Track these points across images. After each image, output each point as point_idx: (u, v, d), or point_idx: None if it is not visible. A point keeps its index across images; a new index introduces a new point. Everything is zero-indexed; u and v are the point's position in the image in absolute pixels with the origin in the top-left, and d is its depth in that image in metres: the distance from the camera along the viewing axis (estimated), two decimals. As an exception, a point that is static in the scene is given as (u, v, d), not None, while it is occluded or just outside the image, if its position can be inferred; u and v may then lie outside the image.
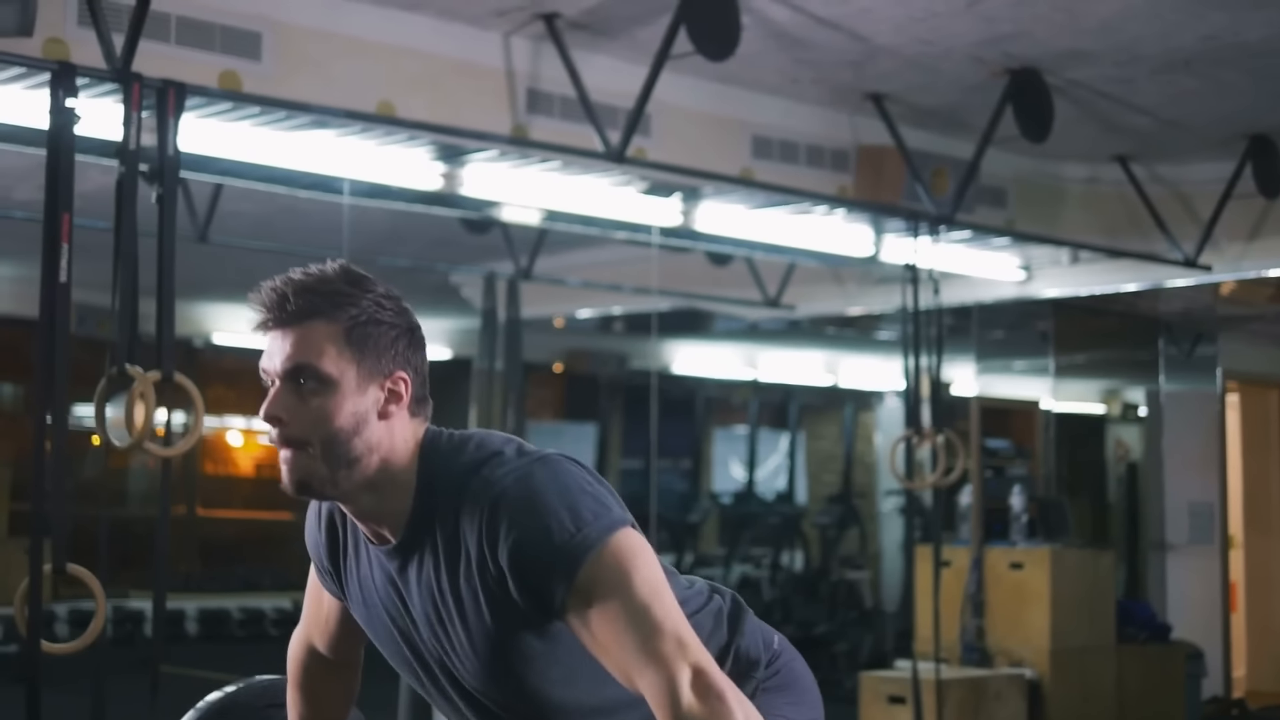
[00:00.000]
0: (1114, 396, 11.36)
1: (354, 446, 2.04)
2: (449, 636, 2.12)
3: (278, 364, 2.05)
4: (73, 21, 4.82)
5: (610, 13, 5.61)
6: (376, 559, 2.18)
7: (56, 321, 4.22)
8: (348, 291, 2.06)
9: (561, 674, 2.11)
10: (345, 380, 2.04)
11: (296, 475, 2.06)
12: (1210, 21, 5.64)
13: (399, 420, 2.09)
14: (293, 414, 2.04)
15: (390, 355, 2.08)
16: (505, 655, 2.09)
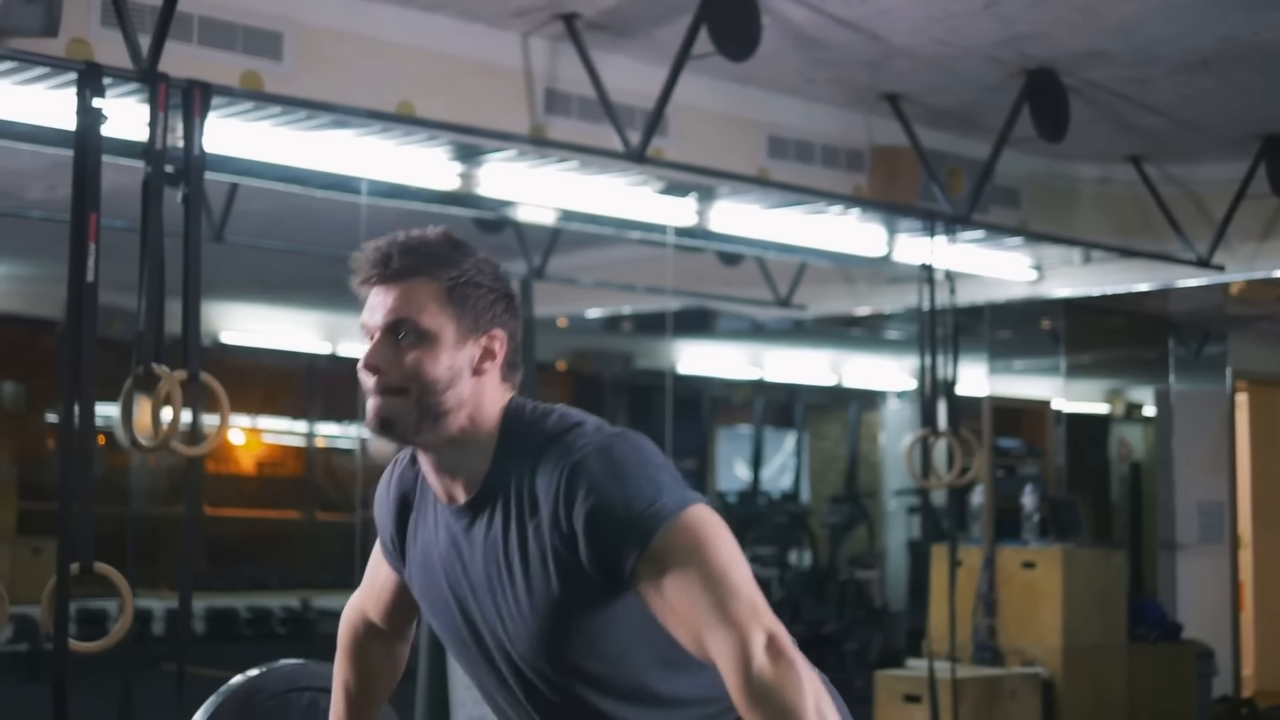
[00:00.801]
0: (1118, 396, 11.37)
1: (446, 399, 2.12)
2: (506, 599, 2.14)
3: (379, 318, 2.13)
4: (96, 22, 4.83)
5: (629, 13, 5.61)
6: (443, 521, 2.22)
7: (84, 321, 4.24)
8: (449, 254, 2.15)
9: (613, 652, 2.13)
10: (443, 335, 2.12)
11: (384, 414, 2.13)
12: (1229, 21, 5.65)
13: (490, 380, 2.17)
14: (390, 364, 2.12)
15: (488, 316, 2.16)
16: (560, 623, 2.11)
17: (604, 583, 2.05)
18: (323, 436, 12.75)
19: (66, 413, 4.25)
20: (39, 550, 10.52)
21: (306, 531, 12.55)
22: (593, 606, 2.09)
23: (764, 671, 1.89)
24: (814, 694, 1.90)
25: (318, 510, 12.57)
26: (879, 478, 13.08)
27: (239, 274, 9.18)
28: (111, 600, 9.73)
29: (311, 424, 12.48)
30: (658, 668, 2.14)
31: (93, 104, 4.31)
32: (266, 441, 12.54)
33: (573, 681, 2.16)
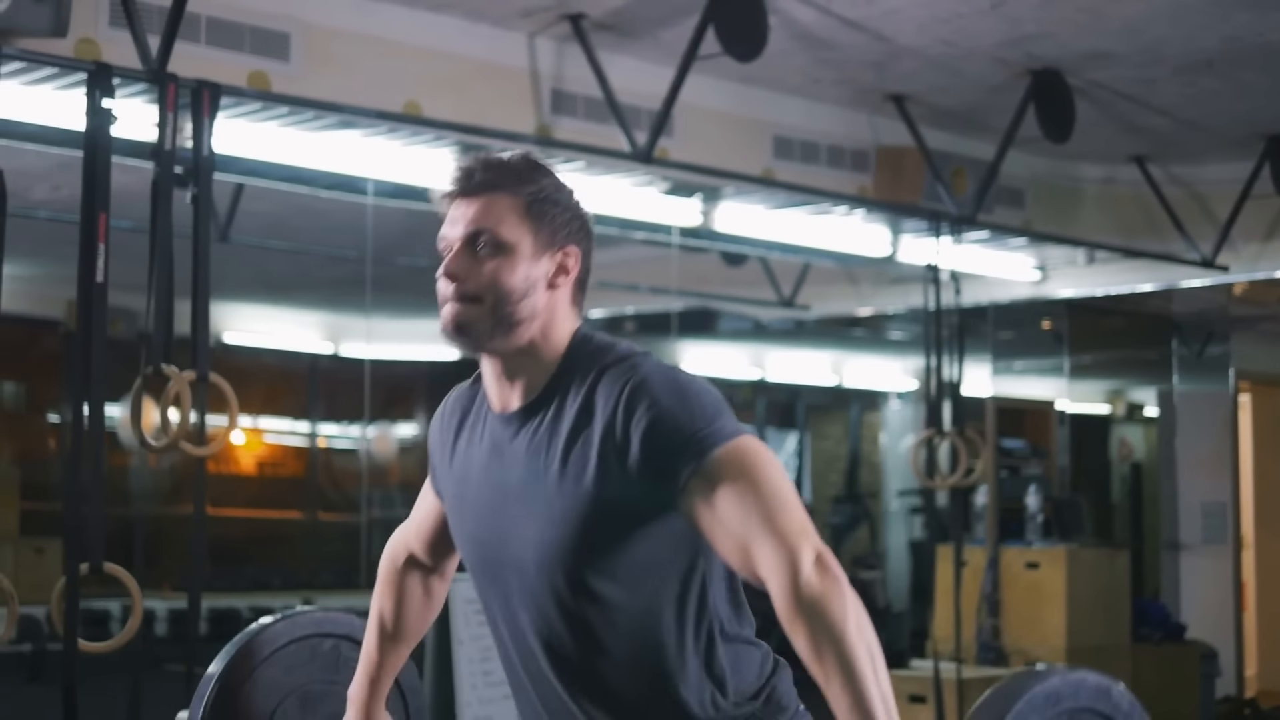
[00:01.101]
0: (1119, 396, 11.38)
1: (520, 309, 2.19)
2: (538, 503, 2.17)
3: (460, 229, 2.21)
4: (104, 22, 4.83)
5: (635, 13, 5.62)
6: (490, 431, 2.27)
7: (94, 321, 4.24)
8: (529, 172, 2.24)
9: (629, 578, 2.14)
10: (521, 247, 2.20)
11: (459, 320, 2.19)
12: (1234, 22, 5.66)
13: (562, 296, 2.24)
14: (469, 272, 2.19)
15: (564, 233, 2.24)
16: (586, 531, 2.12)
17: (647, 497, 2.09)
18: (325, 437, 12.75)
19: (76, 413, 4.25)
20: (41, 550, 10.52)
21: (309, 532, 12.54)
22: (622, 523, 2.12)
23: (811, 584, 1.94)
24: (856, 612, 1.95)
25: (320, 511, 12.56)
26: (880, 478, 13.08)
27: (242, 274, 9.18)
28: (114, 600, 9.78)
29: (314, 424, 12.47)
30: (671, 614, 2.17)
31: (102, 104, 4.32)
32: (269, 442, 12.53)
33: (584, 605, 2.16)
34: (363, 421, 11.72)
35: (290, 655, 2.74)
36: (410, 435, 12.85)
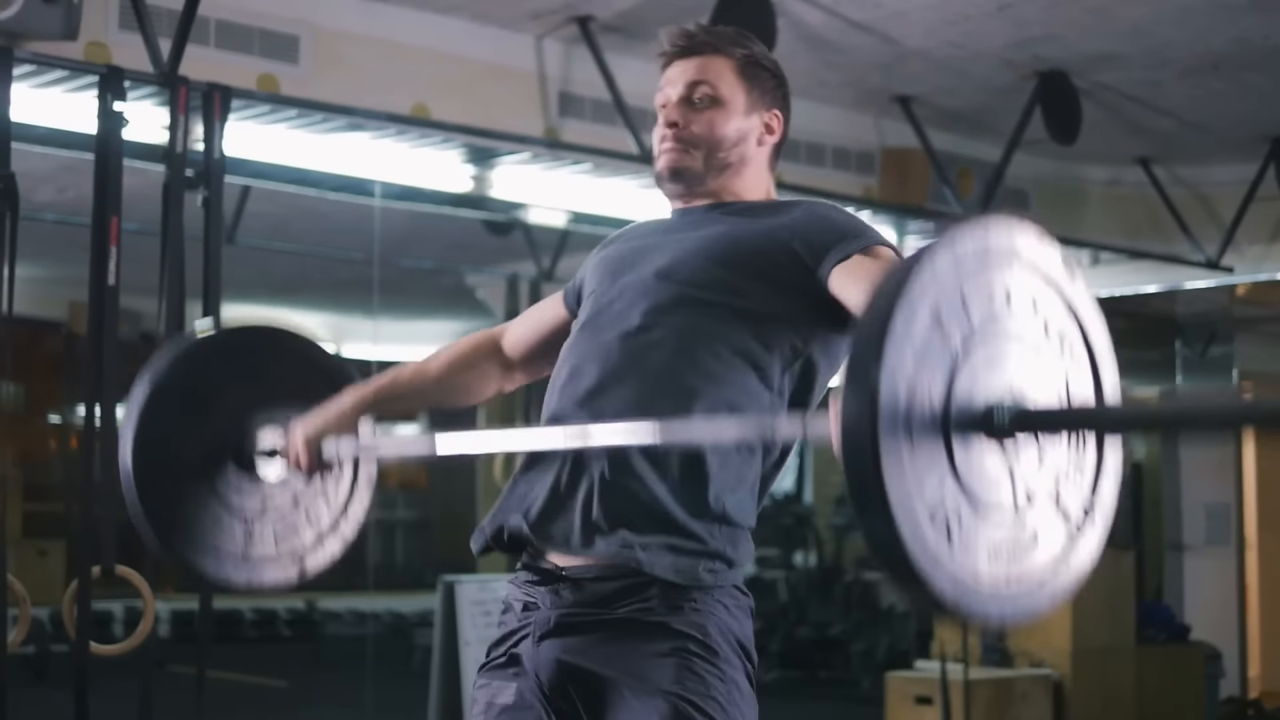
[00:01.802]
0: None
1: (731, 155, 2.40)
2: (700, 241, 2.34)
3: (679, 86, 2.42)
4: (114, 25, 4.84)
5: (643, 16, 5.62)
6: (660, 228, 2.47)
7: (105, 324, 4.25)
8: (741, 39, 2.46)
9: (738, 322, 2.28)
10: (735, 101, 2.41)
11: (674, 165, 2.41)
12: (1241, 24, 5.67)
13: (765, 154, 2.46)
14: (688, 121, 2.40)
15: (772, 96, 2.46)
16: (737, 259, 2.30)
17: (797, 265, 2.27)
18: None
19: (88, 415, 4.25)
20: (44, 552, 10.53)
21: (311, 533, 12.53)
22: (768, 272, 2.29)
23: None
24: None
25: (323, 512, 12.55)
26: (883, 479, 13.06)
27: (247, 276, 9.18)
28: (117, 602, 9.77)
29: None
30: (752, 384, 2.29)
31: (114, 108, 4.33)
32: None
33: (669, 316, 2.29)
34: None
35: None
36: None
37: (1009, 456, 1.75)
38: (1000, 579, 1.75)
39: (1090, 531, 1.87)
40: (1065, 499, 1.84)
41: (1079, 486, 1.86)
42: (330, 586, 11.72)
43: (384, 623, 10.51)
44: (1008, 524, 1.76)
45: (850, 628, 10.67)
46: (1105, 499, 1.90)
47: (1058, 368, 1.84)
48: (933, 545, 1.66)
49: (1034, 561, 1.80)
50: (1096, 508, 1.88)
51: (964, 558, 1.70)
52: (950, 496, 1.69)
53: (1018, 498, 1.77)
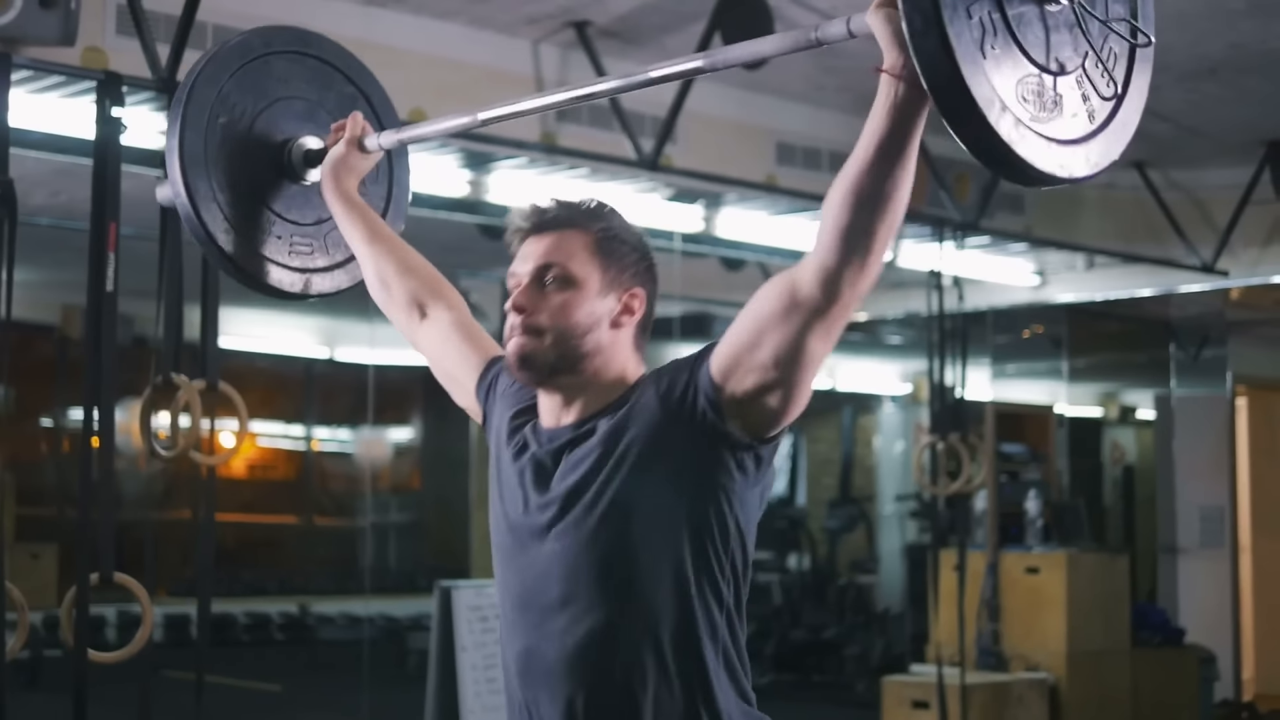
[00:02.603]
0: (1111, 400, 11.39)
1: (585, 343, 2.22)
2: (574, 505, 2.18)
3: (530, 265, 2.25)
4: (111, 30, 4.83)
5: (640, 21, 5.63)
6: (534, 441, 2.28)
7: (103, 329, 4.23)
8: (600, 210, 2.30)
9: (651, 550, 2.14)
10: (589, 283, 2.24)
11: (524, 352, 2.23)
12: (1239, 29, 5.68)
13: (625, 336, 2.27)
14: (537, 306, 2.23)
15: (631, 272, 2.28)
16: (621, 513, 2.14)
17: (698, 428, 2.12)
18: (320, 441, 12.74)
19: (86, 420, 4.24)
20: (37, 556, 10.50)
21: (304, 536, 12.54)
22: (665, 484, 2.14)
23: None
24: None
25: (316, 515, 12.55)
26: (875, 482, 13.09)
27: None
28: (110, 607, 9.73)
29: (309, 428, 12.46)
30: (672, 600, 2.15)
31: (112, 113, 4.31)
32: (265, 446, 12.52)
33: (608, 581, 2.16)
34: (362, 426, 11.71)
35: (232, 93, 2.75)
36: (405, 440, 12.84)
37: (1060, 8, 1.92)
38: (1085, 130, 1.95)
39: (1145, 56, 2.08)
40: (1120, 30, 2.02)
41: (1124, 13, 2.03)
42: (322, 590, 11.71)
43: (378, 626, 10.49)
44: (1076, 77, 1.95)
45: (844, 631, 10.66)
46: (1148, 23, 2.08)
47: None
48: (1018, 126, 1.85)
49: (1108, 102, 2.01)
50: (1145, 32, 2.07)
51: (1053, 125, 1.90)
52: (1023, 68, 1.87)
53: (1081, 46, 1.96)
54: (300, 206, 2.81)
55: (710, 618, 2.16)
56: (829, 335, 2.08)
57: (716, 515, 2.14)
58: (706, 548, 2.15)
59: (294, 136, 2.80)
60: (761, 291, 2.09)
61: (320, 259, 2.83)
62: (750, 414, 2.12)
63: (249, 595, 11.77)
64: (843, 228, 1.98)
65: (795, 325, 2.05)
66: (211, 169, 2.70)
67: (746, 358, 2.09)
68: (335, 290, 2.84)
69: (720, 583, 2.17)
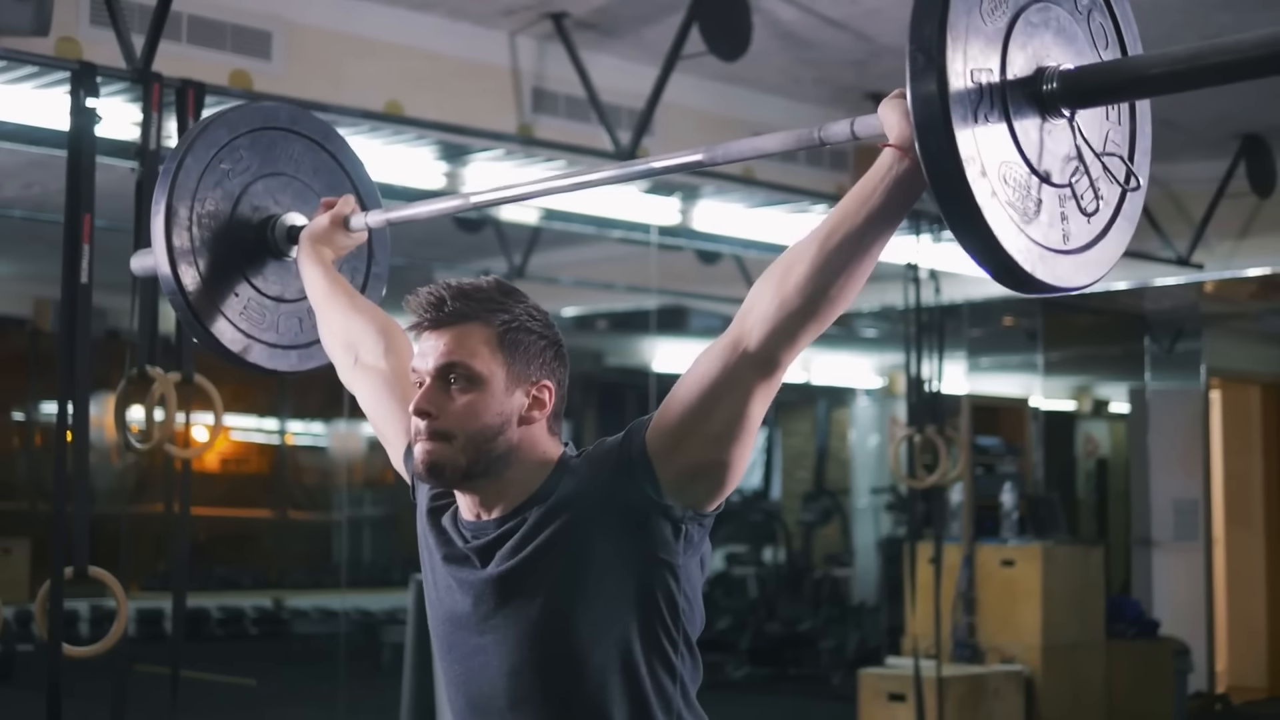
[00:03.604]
0: (1085, 393, 11.42)
1: (496, 445, 2.11)
2: (511, 600, 2.11)
3: (430, 363, 2.13)
4: (85, 21, 4.80)
5: (618, 12, 5.61)
6: (461, 546, 2.19)
7: (78, 321, 4.20)
8: (501, 300, 2.15)
9: (582, 642, 2.09)
10: (494, 381, 2.12)
11: (432, 459, 2.11)
12: (1214, 22, 5.69)
13: (539, 429, 2.15)
14: (442, 409, 2.11)
15: (538, 364, 2.16)
16: (562, 607, 2.08)
17: (635, 507, 2.06)
18: (294, 434, 12.70)
19: (60, 413, 4.21)
20: (8, 550, 10.45)
21: (279, 531, 12.50)
22: (595, 593, 2.08)
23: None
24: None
25: (290, 509, 12.51)
26: (849, 475, 13.11)
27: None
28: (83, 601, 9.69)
29: (283, 422, 12.43)
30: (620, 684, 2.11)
31: (86, 104, 4.28)
32: (239, 440, 12.48)
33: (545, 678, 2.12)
34: (337, 420, 11.68)
35: (243, 147, 2.79)
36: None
37: (1059, 125, 1.93)
38: (1060, 244, 1.93)
39: (1134, 199, 2.06)
40: (1111, 167, 2.02)
41: (1121, 152, 2.05)
42: (296, 585, 11.68)
43: (353, 620, 10.47)
44: (1062, 193, 1.94)
45: (820, 624, 10.68)
46: (1142, 170, 2.09)
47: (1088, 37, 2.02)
48: (1005, 216, 1.85)
49: (1090, 227, 1.98)
50: (1137, 176, 2.06)
51: (1033, 228, 1.88)
52: (1014, 168, 1.87)
53: (1071, 167, 1.96)
54: (272, 279, 2.81)
55: (663, 694, 2.11)
56: (769, 395, 2.04)
57: (664, 593, 2.08)
58: (656, 628, 2.09)
59: (280, 213, 2.81)
60: (700, 362, 2.04)
61: (269, 334, 2.81)
62: (690, 487, 2.06)
63: (223, 590, 11.74)
64: (813, 288, 1.96)
65: (742, 388, 2.01)
66: (196, 237, 2.72)
67: (689, 429, 2.04)
68: (271, 367, 2.81)
69: (673, 658, 2.11)
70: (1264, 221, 7.66)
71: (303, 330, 2.83)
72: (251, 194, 2.79)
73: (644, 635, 2.08)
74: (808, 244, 1.97)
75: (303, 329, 2.83)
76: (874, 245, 1.96)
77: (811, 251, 1.96)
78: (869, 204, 1.94)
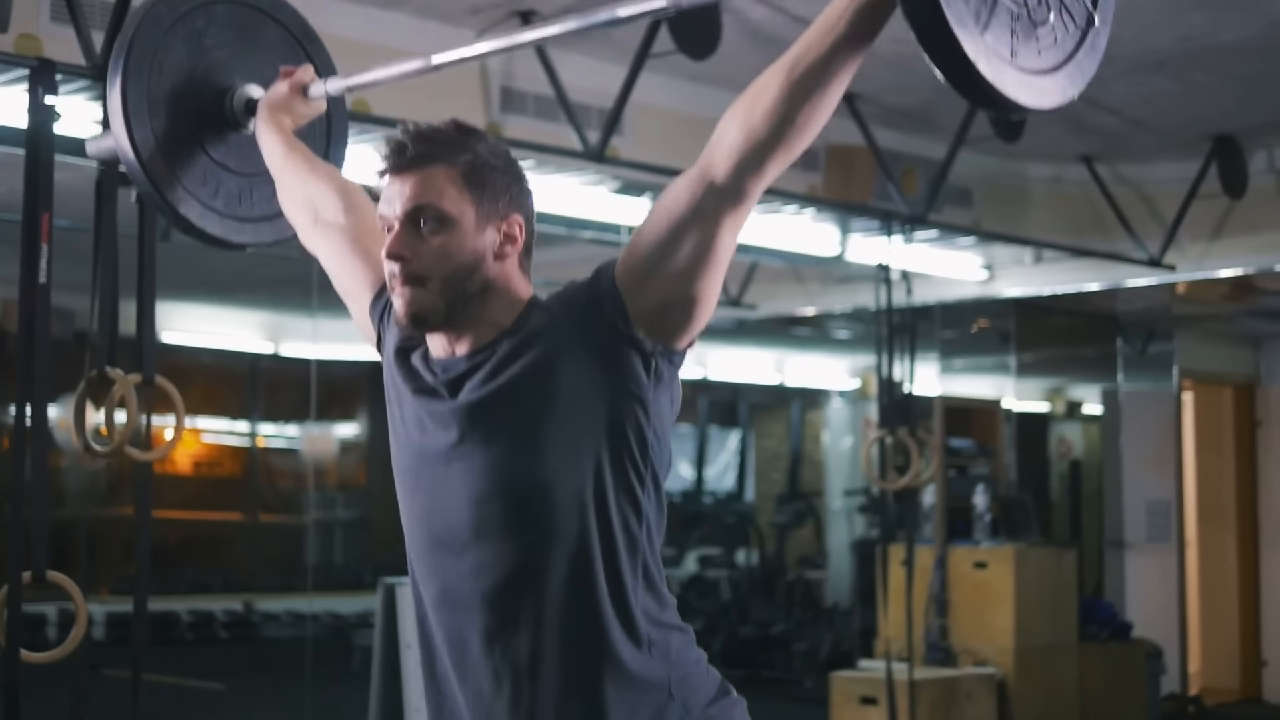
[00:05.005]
0: (1058, 395, 11.41)
1: (471, 283, 2.14)
2: (479, 428, 2.13)
3: (399, 208, 2.14)
4: (46, 17, 4.74)
5: (586, 10, 5.56)
6: (431, 380, 2.20)
7: (36, 323, 4.14)
8: (462, 139, 2.17)
9: (553, 465, 2.09)
10: (464, 220, 2.14)
11: (413, 309, 2.14)
12: (1187, 22, 5.66)
13: (511, 265, 2.18)
14: (414, 251, 2.13)
15: (506, 199, 2.18)
16: (530, 437, 2.09)
17: (605, 340, 2.08)
18: (265, 437, 12.62)
19: (19, 415, 4.15)
20: (-31, 554, 10.35)
21: (249, 533, 12.42)
22: (567, 413, 2.09)
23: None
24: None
25: (261, 512, 12.43)
26: (823, 477, 13.09)
27: (182, 273, 9.06)
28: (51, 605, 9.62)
29: (254, 424, 12.35)
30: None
31: (45, 101, 4.21)
32: (209, 442, 12.40)
33: (518, 499, 2.11)
34: (305, 421, 11.60)
35: (198, 20, 2.79)
36: (351, 435, 12.74)
37: None
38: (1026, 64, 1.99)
39: (1098, 38, 2.10)
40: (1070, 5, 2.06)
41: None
42: (267, 588, 11.60)
43: (323, 624, 10.41)
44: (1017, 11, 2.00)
45: (793, 626, 10.64)
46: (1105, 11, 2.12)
47: None
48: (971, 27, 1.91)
49: (1042, 59, 2.03)
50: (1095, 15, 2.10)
51: (989, 34, 1.94)
52: None
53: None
54: (237, 155, 2.82)
55: (629, 533, 2.12)
56: (739, 226, 2.07)
57: (633, 427, 2.09)
58: (624, 461, 2.09)
59: (237, 85, 2.81)
60: (669, 193, 2.07)
61: (230, 206, 2.83)
62: (660, 321, 2.09)
63: (193, 593, 11.65)
64: (779, 115, 1.99)
65: (710, 221, 2.03)
66: (153, 111, 2.71)
67: (658, 262, 2.06)
68: (256, 241, 2.88)
69: (640, 495, 2.12)
70: (1236, 223, 7.64)
71: (263, 202, 2.84)
72: (208, 67, 2.78)
73: (613, 468, 2.09)
74: (774, 73, 2.01)
75: (262, 201, 2.84)
76: (840, 71, 2.00)
77: (778, 80, 1.99)
78: (835, 30, 1.98)
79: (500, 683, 2.13)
